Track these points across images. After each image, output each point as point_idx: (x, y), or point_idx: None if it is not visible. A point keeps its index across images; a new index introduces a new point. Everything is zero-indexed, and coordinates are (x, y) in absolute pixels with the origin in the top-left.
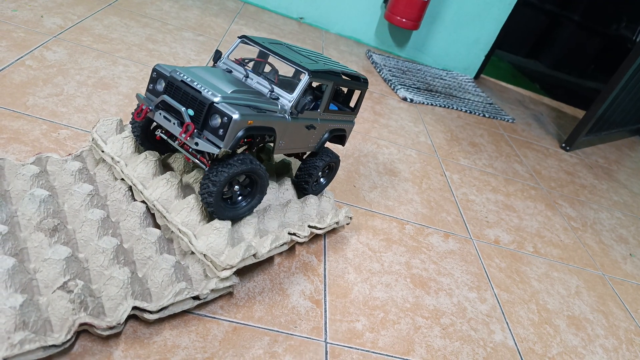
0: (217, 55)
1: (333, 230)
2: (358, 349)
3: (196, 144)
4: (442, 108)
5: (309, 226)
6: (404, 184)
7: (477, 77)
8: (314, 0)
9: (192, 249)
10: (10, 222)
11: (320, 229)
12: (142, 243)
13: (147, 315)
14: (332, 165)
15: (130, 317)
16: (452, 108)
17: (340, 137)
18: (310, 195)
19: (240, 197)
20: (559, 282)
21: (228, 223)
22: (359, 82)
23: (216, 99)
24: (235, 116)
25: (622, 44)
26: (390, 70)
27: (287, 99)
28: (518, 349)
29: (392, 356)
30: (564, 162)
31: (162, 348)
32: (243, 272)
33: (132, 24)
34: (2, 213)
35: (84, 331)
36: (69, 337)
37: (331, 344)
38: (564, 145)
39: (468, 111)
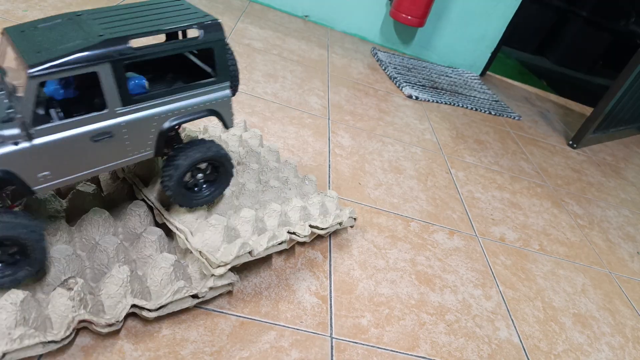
0: None
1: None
2: (363, 344)
3: None
4: (448, 105)
5: (310, 226)
6: (409, 181)
7: (483, 74)
8: None
9: (188, 246)
10: None
11: (322, 229)
12: (142, 242)
13: (145, 313)
14: (216, 166)
15: (131, 315)
16: (458, 105)
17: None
18: (314, 194)
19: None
20: (565, 280)
21: (224, 220)
22: (189, 41)
23: None
24: None
25: (631, 39)
26: (395, 68)
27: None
28: (523, 346)
29: (397, 352)
30: (570, 159)
31: (171, 341)
32: (249, 268)
33: None
34: None
35: (81, 328)
36: (67, 333)
37: (337, 339)
38: (571, 142)
39: (474, 108)
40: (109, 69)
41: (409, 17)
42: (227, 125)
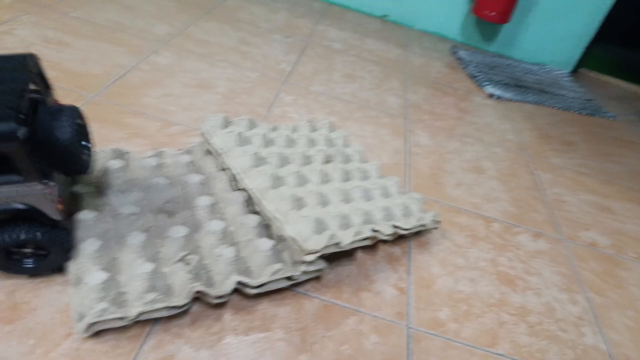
0: None
1: None
2: (441, 337)
3: None
4: (532, 105)
5: (394, 226)
6: (490, 181)
7: (575, 71)
8: None
9: (283, 233)
10: (140, 205)
11: (405, 229)
12: (244, 228)
13: (248, 290)
14: (40, 246)
15: (234, 292)
16: (544, 105)
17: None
18: (397, 195)
19: None
20: None
21: (315, 212)
22: None
23: None
24: None
25: None
26: (476, 66)
27: None
28: (610, 354)
29: (475, 347)
30: None
31: (263, 316)
32: (332, 258)
33: (228, 28)
34: (133, 197)
35: (196, 299)
36: (187, 301)
37: (414, 329)
38: None
39: (562, 108)
40: None
41: (492, 14)
42: (49, 217)
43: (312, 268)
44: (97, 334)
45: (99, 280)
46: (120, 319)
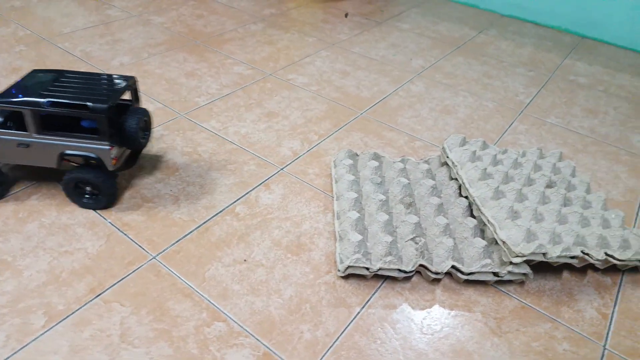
0: None
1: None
2: None
3: None
4: None
5: (606, 254)
6: None
7: None
8: None
9: (495, 236)
10: (386, 195)
11: (619, 260)
12: (462, 227)
13: (459, 275)
14: (95, 188)
15: (446, 275)
16: None
17: (91, 164)
18: (618, 228)
19: None
20: None
21: (528, 224)
22: (81, 110)
23: None
24: None
25: None
26: None
27: None
28: None
29: None
30: None
31: (467, 299)
32: (538, 271)
33: (473, 62)
34: (382, 189)
35: (417, 272)
36: (413, 269)
37: (610, 351)
38: None
39: None
40: (29, 113)
41: None
42: (106, 167)
43: (517, 270)
44: (346, 277)
45: (356, 239)
46: (366, 268)
